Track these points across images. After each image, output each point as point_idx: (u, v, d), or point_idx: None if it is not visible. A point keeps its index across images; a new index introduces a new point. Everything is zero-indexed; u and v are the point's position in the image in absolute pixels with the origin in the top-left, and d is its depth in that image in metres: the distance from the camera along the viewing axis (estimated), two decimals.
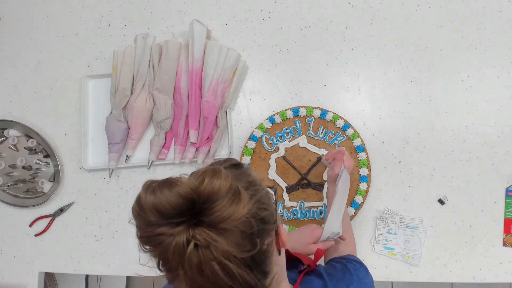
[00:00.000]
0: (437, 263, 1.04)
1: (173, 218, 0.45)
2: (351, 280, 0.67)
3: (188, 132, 1.12)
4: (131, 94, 1.13)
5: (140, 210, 0.47)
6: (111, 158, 1.11)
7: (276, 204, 0.57)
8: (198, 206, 0.45)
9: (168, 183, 0.46)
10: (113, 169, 1.12)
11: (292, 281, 0.64)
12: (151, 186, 0.47)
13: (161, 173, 1.14)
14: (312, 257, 0.81)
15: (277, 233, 0.54)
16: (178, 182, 0.46)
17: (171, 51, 1.10)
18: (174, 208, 0.45)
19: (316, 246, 0.85)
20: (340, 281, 0.67)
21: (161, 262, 0.47)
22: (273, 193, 0.59)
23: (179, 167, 1.14)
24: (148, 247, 0.47)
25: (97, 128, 1.16)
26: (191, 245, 0.43)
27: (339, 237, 0.86)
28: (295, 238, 0.88)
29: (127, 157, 1.13)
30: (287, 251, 0.76)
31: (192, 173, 0.50)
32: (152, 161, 1.12)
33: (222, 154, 1.13)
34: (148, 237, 0.46)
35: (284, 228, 0.58)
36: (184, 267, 0.44)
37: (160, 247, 0.45)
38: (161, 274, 0.48)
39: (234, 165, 0.55)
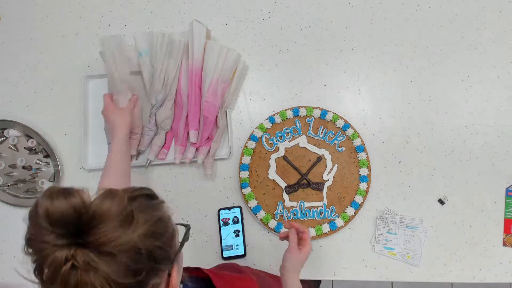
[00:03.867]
0: (437, 263, 1.04)
1: (59, 227, 0.44)
2: None
3: (188, 132, 1.12)
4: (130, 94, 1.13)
5: (33, 212, 0.46)
6: None
7: (182, 244, 0.56)
8: (84, 221, 0.44)
9: (67, 192, 0.46)
10: None
11: None
12: (51, 191, 0.46)
13: (161, 173, 1.14)
14: None
15: (169, 275, 0.53)
16: (75, 193, 0.46)
17: (171, 51, 1.10)
18: (62, 216, 0.44)
19: None
20: None
21: (36, 271, 0.46)
22: (181, 232, 0.56)
23: (179, 167, 1.14)
24: (29, 251, 0.46)
25: (97, 128, 1.16)
26: (68, 265, 0.43)
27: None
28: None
29: (132, 157, 1.13)
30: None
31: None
32: (151, 160, 1.12)
33: (222, 154, 1.13)
34: (33, 240, 0.46)
35: (178, 272, 0.56)
36: (58, 284, 0.43)
37: (39, 254, 0.45)
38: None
39: (147, 196, 0.53)
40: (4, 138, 1.18)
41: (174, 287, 0.54)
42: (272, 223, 1.07)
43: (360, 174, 1.07)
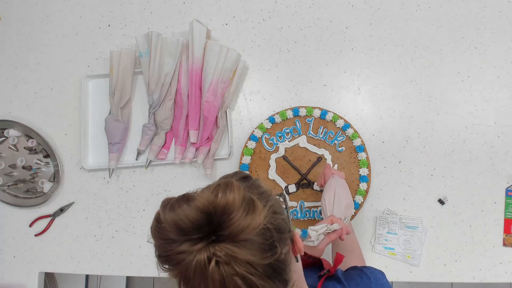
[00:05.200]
0: (437, 263, 1.04)
1: (193, 234, 0.44)
2: (369, 282, 0.68)
3: (188, 132, 1.12)
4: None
5: (159, 228, 0.46)
6: (111, 158, 1.11)
7: (287, 211, 0.58)
8: (215, 219, 0.45)
9: (186, 198, 0.47)
10: (113, 169, 1.13)
11: (311, 287, 0.65)
12: (169, 203, 0.47)
13: (161, 173, 1.14)
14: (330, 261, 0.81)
15: (292, 241, 0.54)
16: (195, 196, 0.47)
17: (171, 50, 1.10)
18: (193, 222, 0.45)
19: (336, 219, 0.84)
20: (359, 285, 0.67)
21: (182, 281, 0.46)
22: (283, 200, 0.59)
23: (179, 167, 1.14)
24: (167, 266, 0.46)
25: (97, 128, 1.16)
26: (213, 263, 0.43)
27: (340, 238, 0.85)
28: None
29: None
30: (307, 256, 0.77)
31: (205, 188, 0.51)
32: (151, 160, 1.12)
33: (222, 154, 1.13)
34: (168, 256, 0.46)
35: (298, 233, 0.58)
36: (207, 285, 0.44)
37: (181, 266, 0.45)
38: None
39: (243, 178, 0.56)
40: (4, 138, 1.18)
41: (301, 250, 0.55)
42: None
43: (360, 174, 1.07)
